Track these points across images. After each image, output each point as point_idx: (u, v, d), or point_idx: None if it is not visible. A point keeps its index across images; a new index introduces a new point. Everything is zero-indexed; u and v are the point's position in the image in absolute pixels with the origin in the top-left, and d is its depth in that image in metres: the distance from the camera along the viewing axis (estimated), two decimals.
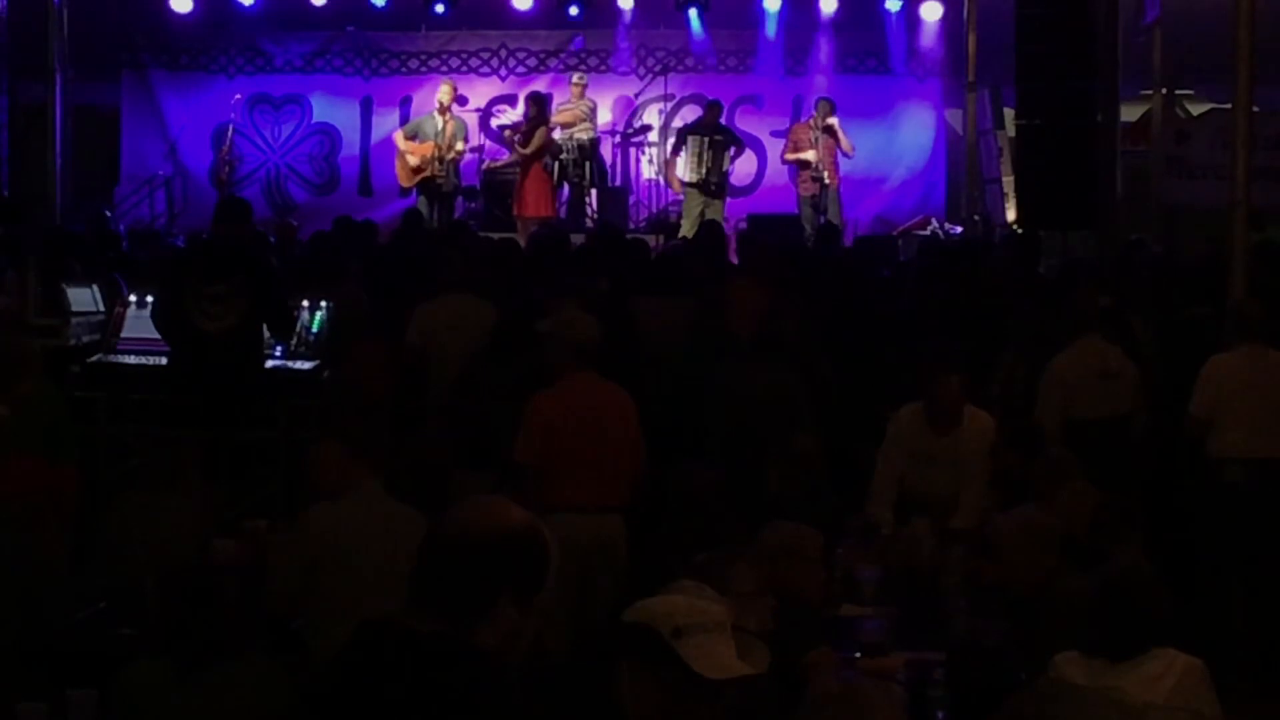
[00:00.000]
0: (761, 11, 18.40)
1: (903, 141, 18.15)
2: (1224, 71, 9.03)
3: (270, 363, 9.71)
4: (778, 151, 18.19)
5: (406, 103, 18.69)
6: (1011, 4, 14.38)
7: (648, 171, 17.84)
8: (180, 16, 18.67)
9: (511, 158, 16.98)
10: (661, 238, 15.54)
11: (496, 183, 16.98)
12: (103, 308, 11.20)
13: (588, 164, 16.81)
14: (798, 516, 6.18)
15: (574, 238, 13.58)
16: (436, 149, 16.59)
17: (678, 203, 17.55)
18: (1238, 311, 8.60)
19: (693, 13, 18.17)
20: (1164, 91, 15.81)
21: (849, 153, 16.94)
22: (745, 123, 18.13)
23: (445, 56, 18.88)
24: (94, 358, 10.29)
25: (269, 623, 5.94)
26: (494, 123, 18.22)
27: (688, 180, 16.64)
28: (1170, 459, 8.98)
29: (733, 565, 4.86)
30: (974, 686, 5.33)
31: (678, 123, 17.81)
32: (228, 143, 18.10)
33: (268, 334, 9.49)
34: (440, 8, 18.28)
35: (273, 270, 10.02)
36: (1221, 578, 8.48)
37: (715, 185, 16.58)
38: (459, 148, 16.89)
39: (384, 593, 3.29)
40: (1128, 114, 15.68)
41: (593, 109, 17.33)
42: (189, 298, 9.09)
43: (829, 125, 16.78)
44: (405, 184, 16.96)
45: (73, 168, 18.28)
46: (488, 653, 3.04)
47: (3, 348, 7.82)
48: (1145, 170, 15.18)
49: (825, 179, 16.66)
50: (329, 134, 18.94)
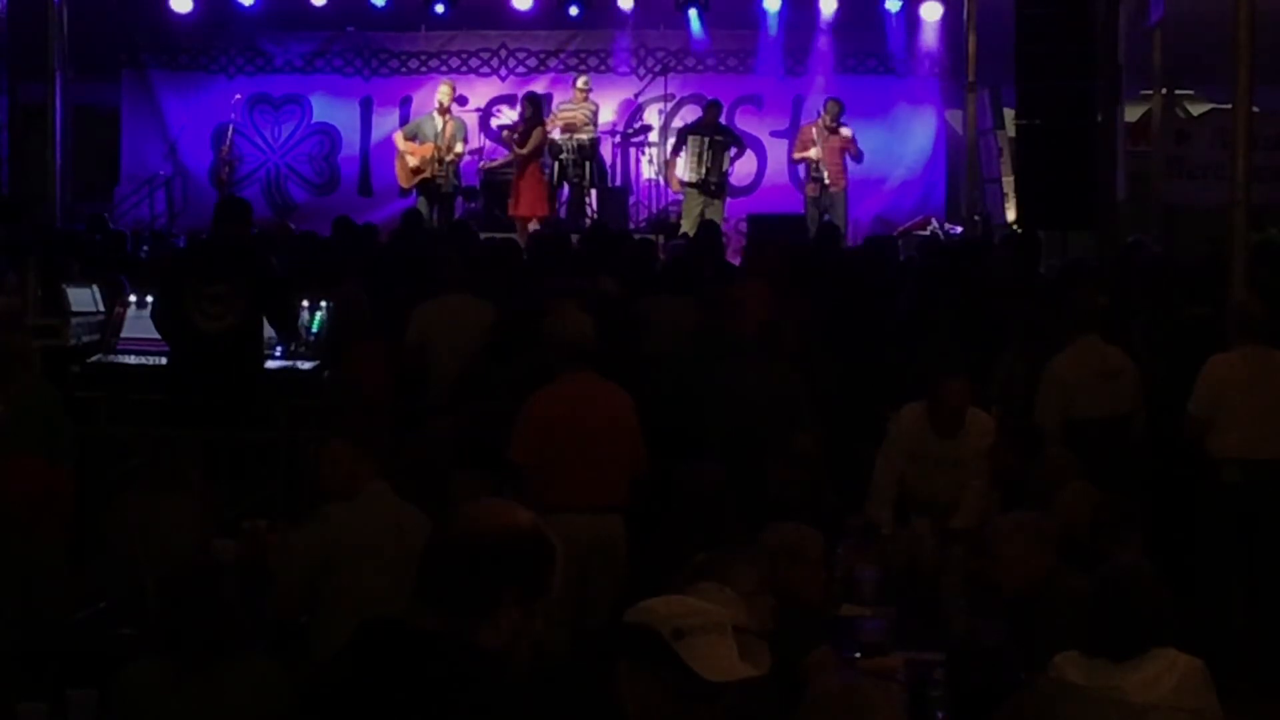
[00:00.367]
0: (761, 11, 18.40)
1: (903, 141, 18.14)
2: (1224, 71, 9.03)
3: (270, 363, 9.71)
4: (778, 151, 18.23)
5: (406, 103, 18.68)
6: (1011, 4, 14.37)
7: (648, 171, 17.84)
8: (180, 16, 18.66)
9: (508, 157, 16.98)
10: (662, 238, 15.53)
11: (496, 183, 16.98)
12: (103, 308, 11.20)
13: (588, 164, 16.81)
14: (798, 516, 6.18)
15: (574, 238, 13.61)
16: (436, 150, 16.59)
17: (678, 203, 17.55)
18: (1240, 311, 8.58)
19: (693, 13, 18.16)
20: (1164, 91, 15.80)
21: (857, 159, 16.95)
22: (745, 123, 18.12)
23: (445, 56, 18.87)
24: (94, 358, 10.29)
25: (273, 621, 5.94)
26: (493, 123, 18.22)
27: (687, 180, 16.65)
28: (1170, 459, 8.97)
29: (733, 565, 4.86)
30: (974, 686, 5.33)
31: (678, 123, 17.80)
32: (228, 143, 18.09)
33: (269, 334, 9.49)
34: (440, 8, 18.27)
35: (274, 270, 10.02)
36: (1221, 578, 8.47)
37: (715, 185, 16.58)
38: (458, 149, 16.88)
39: (393, 593, 3.29)
40: (1128, 114, 15.67)
41: (595, 111, 17.32)
42: (189, 298, 9.09)
43: (838, 128, 16.78)
44: (405, 185, 16.96)
45: (73, 168, 18.28)
46: (490, 652, 3.04)
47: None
48: (1145, 170, 15.17)
49: (825, 179, 16.66)
50: (329, 134, 18.93)
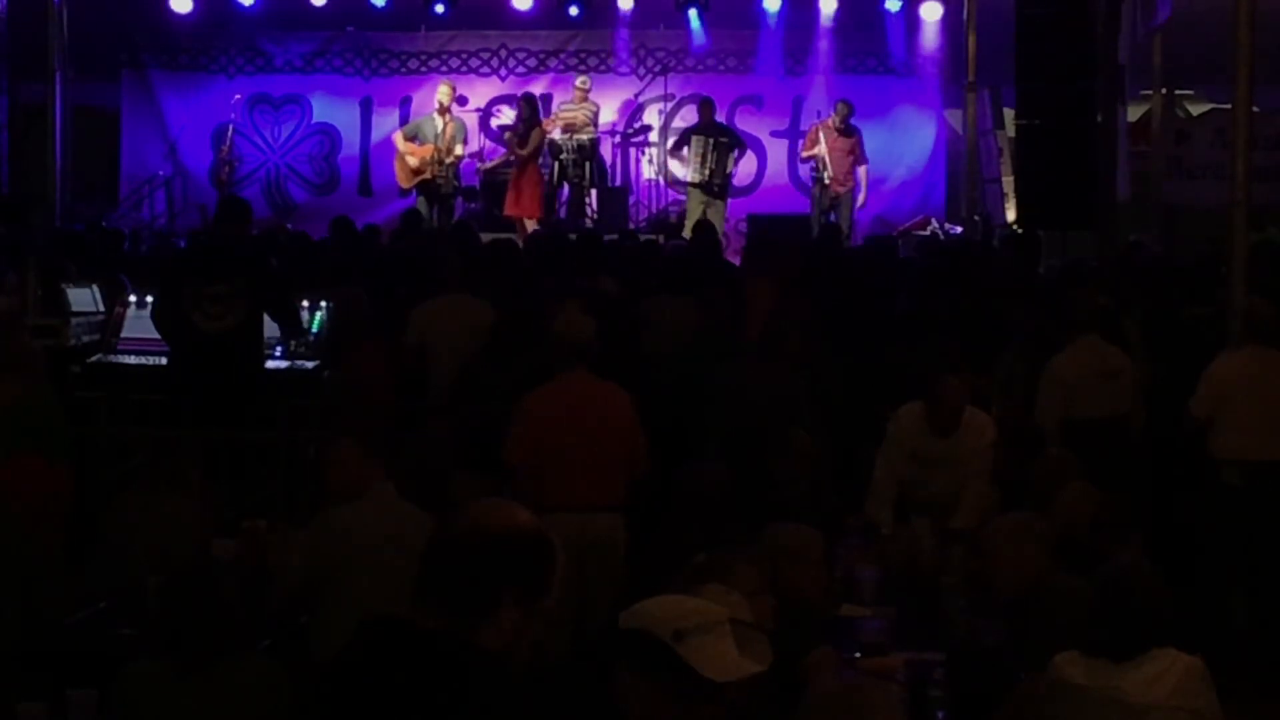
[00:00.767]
0: (761, 11, 18.40)
1: (903, 142, 18.14)
2: (1224, 71, 9.02)
3: (270, 363, 9.71)
4: (778, 151, 18.26)
5: (406, 103, 18.68)
6: (1011, 4, 14.37)
7: (648, 171, 17.84)
8: (180, 16, 18.66)
9: (507, 156, 16.96)
10: (662, 238, 15.54)
11: (496, 183, 16.98)
12: (103, 308, 11.20)
13: (588, 164, 16.82)
14: (798, 516, 6.18)
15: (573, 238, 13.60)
16: (436, 151, 16.59)
17: (678, 202, 17.56)
18: (1246, 312, 8.56)
19: (693, 13, 18.17)
20: (1164, 91, 15.80)
21: (862, 161, 16.93)
22: (745, 123, 18.12)
23: (445, 57, 18.87)
24: (94, 358, 10.29)
25: (273, 621, 5.94)
26: (494, 123, 18.22)
27: (691, 180, 16.65)
28: (1170, 459, 8.97)
29: (733, 565, 4.85)
30: (974, 686, 5.33)
31: (678, 123, 17.81)
32: (228, 143, 18.08)
33: (269, 334, 9.49)
34: (440, 8, 18.27)
35: (274, 270, 10.03)
36: (1222, 578, 8.47)
37: (718, 186, 16.60)
38: (458, 150, 16.89)
39: (394, 593, 3.29)
40: (1128, 114, 15.67)
41: (595, 112, 17.32)
42: (189, 298, 9.09)
43: (848, 129, 16.76)
44: (404, 185, 16.96)
45: (73, 168, 18.28)
46: (489, 651, 3.05)
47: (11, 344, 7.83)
48: (1145, 170, 15.17)
49: (825, 179, 16.66)
50: (329, 134, 18.93)
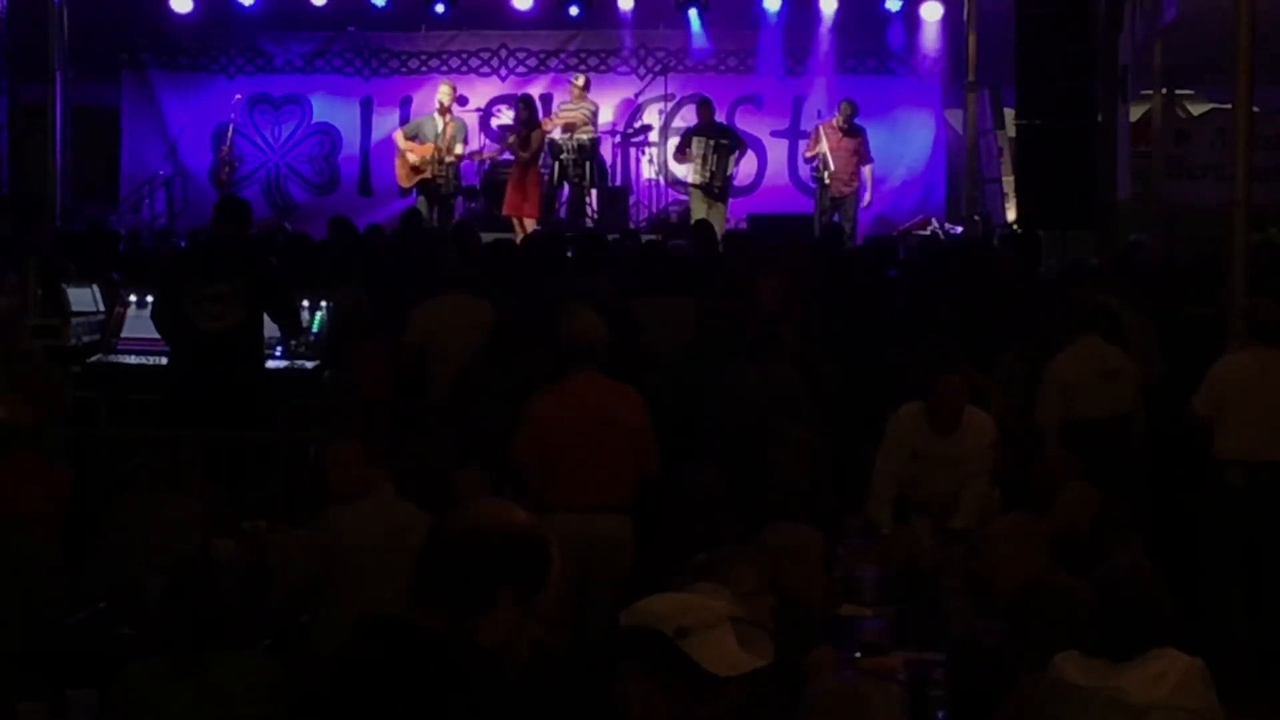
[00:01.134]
0: (761, 11, 18.40)
1: (903, 141, 18.12)
2: (1224, 71, 9.02)
3: (271, 363, 9.71)
4: (778, 151, 18.26)
5: (406, 103, 18.68)
6: (1011, 4, 14.38)
7: (648, 171, 17.83)
8: (180, 16, 18.66)
9: (503, 151, 16.95)
10: (662, 238, 15.52)
11: (496, 183, 16.98)
12: (103, 308, 11.20)
13: (588, 164, 16.81)
14: (798, 516, 6.17)
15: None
16: (436, 151, 16.59)
17: (678, 203, 17.56)
18: (1250, 313, 8.54)
19: (693, 13, 18.16)
20: (1164, 91, 15.79)
21: (866, 161, 16.93)
22: (745, 123, 18.11)
23: (445, 56, 18.87)
24: (94, 358, 10.29)
25: (273, 621, 5.94)
26: (494, 123, 18.23)
27: (693, 182, 16.65)
28: (1171, 459, 8.97)
29: (733, 565, 4.85)
30: (974, 686, 5.33)
31: (678, 123, 17.80)
32: (228, 143, 18.09)
33: (269, 334, 9.49)
34: (440, 8, 18.27)
35: (274, 270, 10.02)
36: (1222, 578, 8.47)
37: (720, 189, 16.59)
38: (458, 150, 16.90)
39: (394, 593, 3.30)
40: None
41: (594, 111, 17.32)
42: (189, 298, 9.09)
43: (852, 129, 16.77)
44: (405, 184, 16.97)
45: (73, 168, 18.28)
46: (487, 650, 3.05)
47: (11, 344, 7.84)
48: (1145, 170, 15.17)
49: (825, 179, 16.66)
50: (329, 134, 18.93)
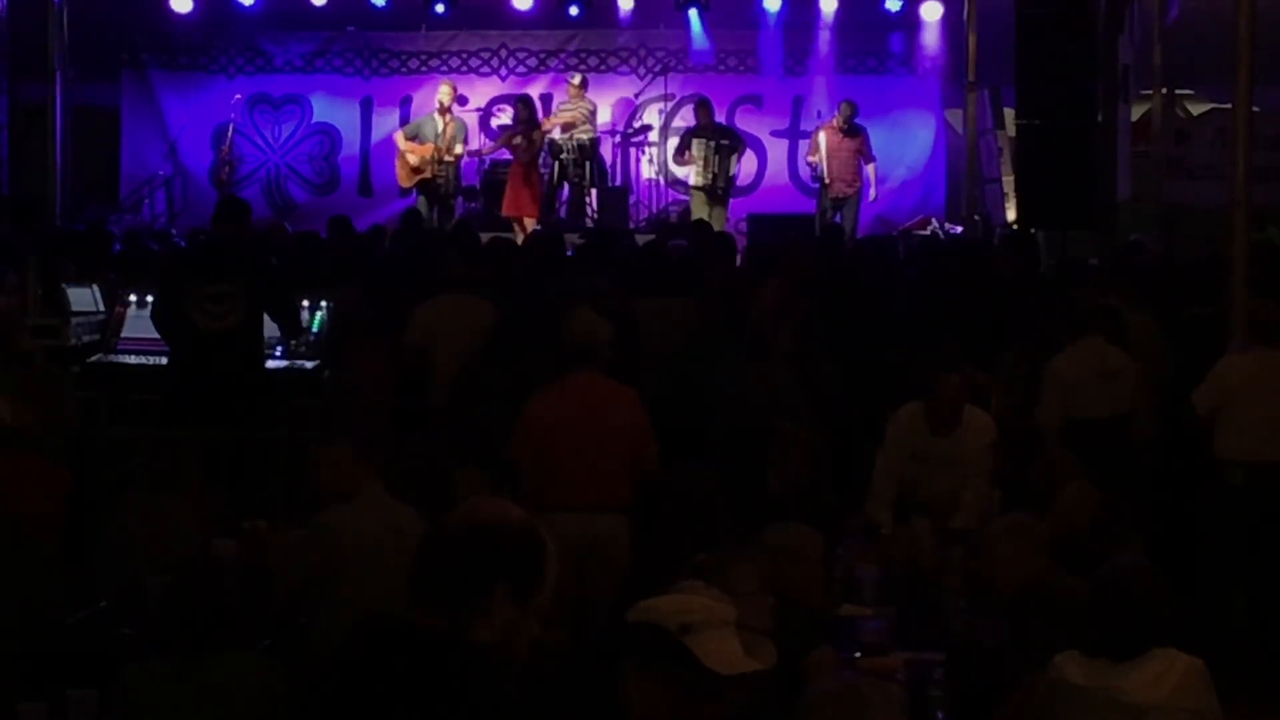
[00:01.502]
0: (761, 11, 18.39)
1: (903, 141, 18.12)
2: (1224, 71, 9.02)
3: (271, 363, 9.70)
4: (778, 151, 18.27)
5: (406, 103, 18.68)
6: (1011, 4, 14.37)
7: (648, 171, 17.83)
8: (180, 16, 18.66)
9: (508, 148, 16.96)
10: (661, 238, 15.51)
11: (496, 183, 16.98)
12: (103, 308, 11.20)
13: (588, 164, 16.81)
14: (798, 516, 6.18)
15: (573, 238, 13.60)
16: (436, 151, 16.60)
17: (678, 203, 17.56)
18: (1252, 314, 8.55)
19: (693, 13, 18.16)
20: (1164, 91, 15.79)
21: (868, 160, 16.93)
22: (745, 123, 18.11)
23: (445, 56, 18.87)
24: (94, 358, 10.28)
25: (273, 621, 5.94)
26: (494, 123, 18.23)
27: (694, 184, 16.65)
28: (1171, 459, 8.97)
29: (733, 565, 4.85)
30: (974, 686, 5.33)
31: (678, 123, 17.80)
32: (228, 143, 18.09)
33: (269, 334, 9.49)
34: (440, 8, 18.26)
35: (274, 270, 10.02)
36: (1223, 578, 8.47)
37: (722, 190, 16.60)
38: (458, 150, 16.90)
39: (391, 593, 3.31)
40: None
41: (593, 110, 17.32)
42: (189, 298, 9.08)
43: (852, 130, 16.76)
44: (405, 184, 16.97)
45: (73, 168, 18.28)
46: (483, 647, 3.06)
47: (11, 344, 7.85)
48: (1145, 170, 15.17)
49: (825, 179, 16.66)
50: (329, 134, 18.92)
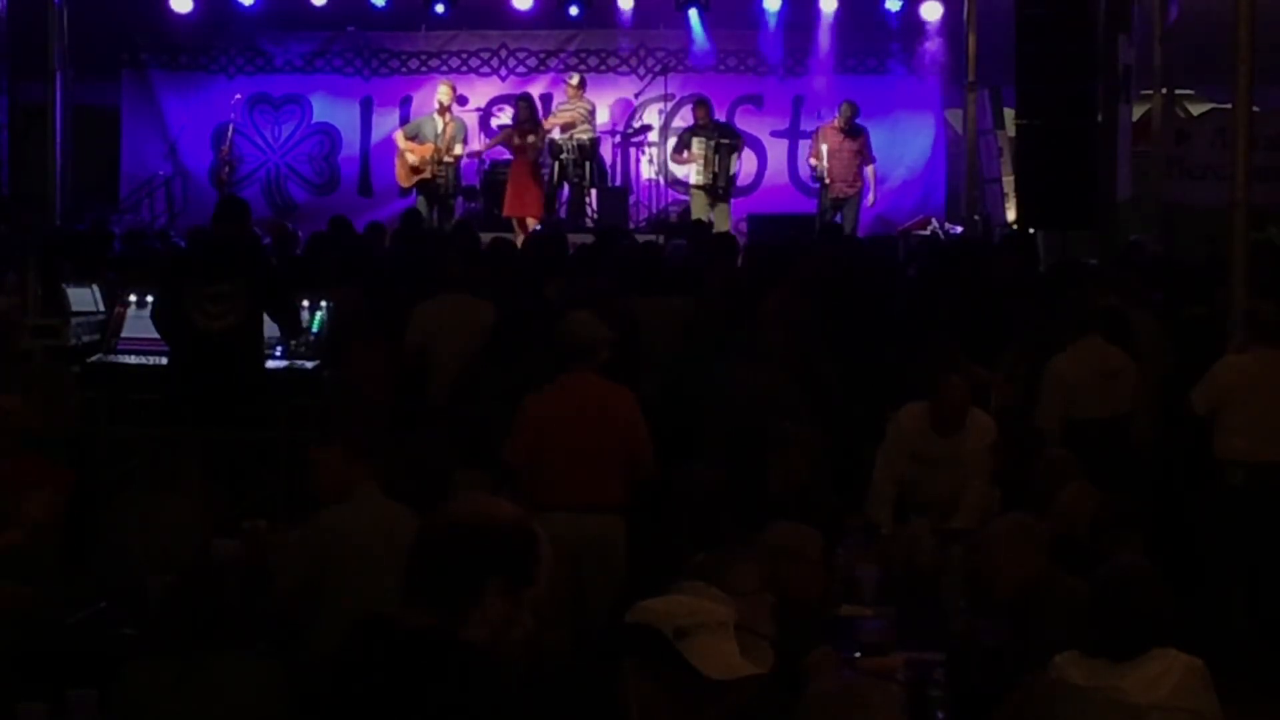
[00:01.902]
0: (761, 11, 18.40)
1: (902, 142, 18.12)
2: (1224, 71, 9.02)
3: (271, 363, 9.70)
4: (778, 151, 18.28)
5: (406, 103, 18.68)
6: (1011, 4, 14.37)
7: (648, 171, 17.83)
8: (180, 16, 18.66)
9: (508, 148, 16.97)
10: (661, 238, 15.53)
11: (496, 183, 16.98)
12: (103, 308, 11.20)
13: (588, 164, 16.81)
14: (798, 516, 6.18)
15: (575, 237, 13.58)
16: (436, 151, 16.60)
17: (678, 203, 17.56)
18: (1251, 314, 8.55)
19: (693, 13, 18.16)
20: (1164, 91, 15.80)
21: (869, 161, 16.93)
22: (745, 123, 18.11)
23: (445, 56, 18.87)
24: (94, 358, 10.28)
25: (273, 621, 5.94)
26: (494, 123, 18.23)
27: (694, 182, 16.65)
28: (1171, 459, 8.97)
29: (733, 565, 4.86)
30: (974, 686, 5.33)
31: (678, 123, 17.81)
32: (228, 143, 18.09)
33: (269, 334, 9.49)
34: (440, 8, 18.26)
35: (274, 270, 10.02)
36: (1223, 578, 8.47)
37: (722, 189, 16.61)
38: (458, 150, 16.90)
39: (389, 593, 3.32)
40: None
41: (592, 110, 17.32)
42: (189, 298, 9.08)
43: (852, 131, 16.76)
44: (404, 184, 16.97)
45: (73, 168, 18.27)
46: (476, 646, 3.06)
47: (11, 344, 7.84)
48: (1145, 170, 15.17)
49: (825, 179, 16.66)
50: (329, 134, 18.93)
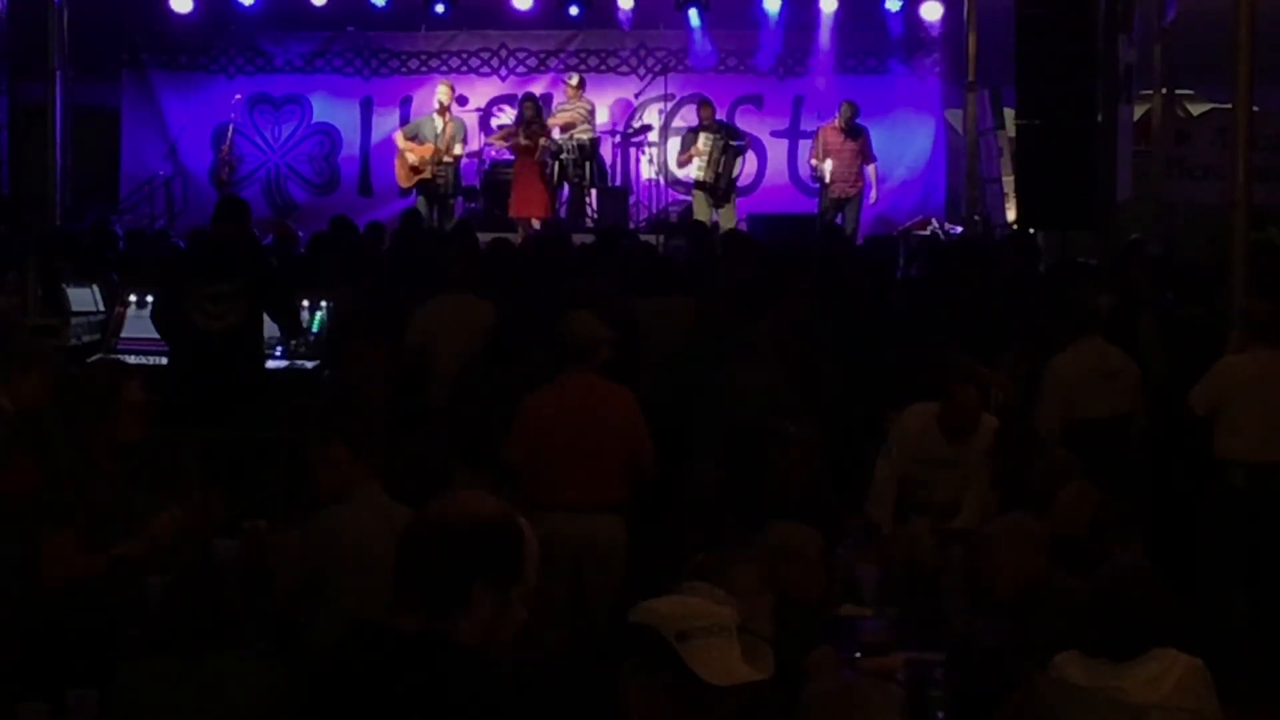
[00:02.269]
0: (761, 11, 18.40)
1: (903, 142, 18.14)
2: (1224, 71, 9.02)
3: (270, 363, 9.71)
4: (778, 151, 18.29)
5: (406, 103, 18.70)
6: (1011, 4, 14.37)
7: (648, 171, 17.83)
8: (180, 16, 18.68)
9: (509, 147, 16.96)
10: (661, 238, 15.53)
11: (496, 183, 16.98)
12: (103, 308, 11.20)
13: (588, 164, 16.81)
14: (798, 516, 6.17)
15: (575, 237, 13.58)
16: (436, 151, 16.60)
17: (678, 203, 17.56)
18: (1248, 313, 8.54)
19: (693, 13, 18.17)
20: (1164, 91, 15.80)
21: (870, 161, 16.93)
22: (745, 123, 18.10)
23: (445, 56, 18.89)
24: (94, 358, 10.28)
25: (273, 621, 5.94)
26: (493, 123, 18.23)
27: (696, 178, 16.63)
28: (1171, 459, 8.97)
29: (733, 565, 4.85)
30: (974, 686, 5.32)
31: (678, 123, 17.82)
32: (228, 143, 18.11)
33: (269, 334, 9.49)
34: (440, 8, 18.28)
35: (274, 270, 10.02)
36: (1223, 578, 8.47)
37: (724, 190, 16.60)
38: (457, 150, 16.90)
39: (388, 593, 3.33)
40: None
41: (591, 109, 17.32)
42: (189, 298, 9.09)
43: (853, 130, 16.76)
44: (404, 184, 16.97)
45: (73, 168, 18.28)
46: (466, 646, 3.07)
47: (8, 340, 7.82)
48: (1145, 170, 15.17)
49: (826, 179, 16.66)
50: (329, 134, 18.94)
